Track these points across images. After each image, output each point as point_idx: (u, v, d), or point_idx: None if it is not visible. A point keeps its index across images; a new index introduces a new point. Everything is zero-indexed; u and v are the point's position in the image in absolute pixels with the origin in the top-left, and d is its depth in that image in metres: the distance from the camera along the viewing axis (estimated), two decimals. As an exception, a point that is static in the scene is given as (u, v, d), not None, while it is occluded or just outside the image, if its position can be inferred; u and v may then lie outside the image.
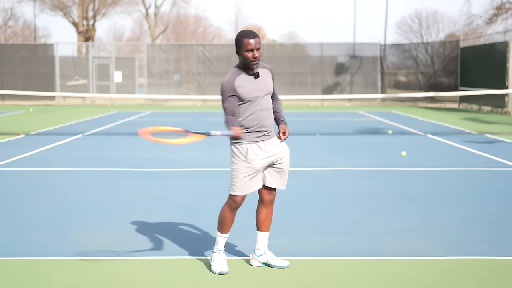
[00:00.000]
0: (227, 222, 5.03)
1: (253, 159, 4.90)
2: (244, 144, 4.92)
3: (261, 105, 4.94)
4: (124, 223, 6.64)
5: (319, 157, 11.93)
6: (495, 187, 8.80)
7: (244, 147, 4.92)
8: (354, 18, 59.07)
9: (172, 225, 6.57)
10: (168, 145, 13.68)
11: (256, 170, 4.93)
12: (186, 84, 32.35)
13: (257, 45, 4.86)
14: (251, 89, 4.91)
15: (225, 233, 5.06)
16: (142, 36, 67.14)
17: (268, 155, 4.95)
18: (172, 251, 5.59)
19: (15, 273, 5.02)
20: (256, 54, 4.86)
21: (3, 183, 9.11)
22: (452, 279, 4.86)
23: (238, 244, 5.75)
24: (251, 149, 4.91)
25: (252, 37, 4.85)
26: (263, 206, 5.11)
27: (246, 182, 4.92)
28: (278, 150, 5.00)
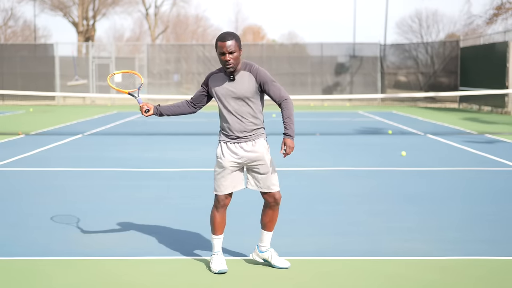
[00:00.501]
0: (217, 223, 5.05)
1: (221, 157, 4.99)
2: (219, 143, 5.06)
3: (230, 108, 4.94)
4: (124, 223, 6.65)
5: (319, 157, 11.94)
6: (495, 187, 8.81)
7: (219, 146, 5.05)
8: (354, 18, 59.10)
9: (172, 225, 6.58)
10: (169, 146, 13.69)
11: (224, 168, 4.96)
12: (186, 84, 32.36)
13: (230, 49, 4.78)
14: (220, 89, 4.95)
15: (218, 235, 5.08)
16: (142, 36, 67.15)
17: (237, 157, 4.96)
18: (172, 251, 5.60)
19: (16, 273, 5.03)
20: (228, 58, 4.80)
21: (4, 183, 9.12)
22: (451, 279, 4.88)
23: (238, 244, 5.76)
24: (220, 148, 5.02)
25: (224, 40, 4.79)
26: (268, 208, 5.11)
27: (220, 180, 4.98)
28: (250, 155, 4.95)
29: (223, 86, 4.95)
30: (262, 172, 4.98)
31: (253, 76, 4.93)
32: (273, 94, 5.00)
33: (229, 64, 4.83)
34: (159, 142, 14.47)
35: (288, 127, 4.95)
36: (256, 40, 70.71)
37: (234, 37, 4.83)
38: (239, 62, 4.90)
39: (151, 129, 17.82)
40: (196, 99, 5.16)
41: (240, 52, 4.86)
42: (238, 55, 4.84)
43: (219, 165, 5.00)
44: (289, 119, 4.96)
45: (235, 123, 4.93)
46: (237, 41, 4.84)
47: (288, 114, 4.98)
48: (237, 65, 4.88)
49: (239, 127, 4.93)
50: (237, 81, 4.92)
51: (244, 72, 4.93)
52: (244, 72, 4.93)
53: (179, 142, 14.43)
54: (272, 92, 4.99)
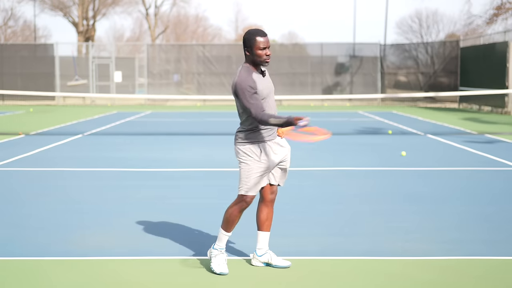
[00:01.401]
0: (234, 222, 5.01)
1: (265, 159, 4.90)
2: (256, 144, 4.90)
3: (270, 103, 4.93)
4: (124, 223, 6.65)
5: (319, 157, 11.94)
6: (495, 187, 8.81)
7: (256, 147, 4.90)
8: (354, 18, 59.09)
9: (172, 225, 6.58)
10: (169, 146, 13.69)
11: (268, 169, 4.94)
12: (186, 84, 32.35)
13: (268, 43, 4.90)
14: (264, 87, 4.90)
15: (229, 232, 5.05)
16: (142, 36, 67.15)
17: (277, 154, 4.97)
18: (172, 251, 5.60)
19: (16, 273, 5.02)
20: (268, 52, 4.88)
21: (4, 183, 9.12)
22: (451, 278, 4.87)
23: (238, 244, 5.76)
24: (263, 148, 4.91)
25: (264, 36, 4.88)
26: (264, 206, 5.10)
27: (258, 182, 4.92)
28: (285, 149, 5.04)
29: (264, 83, 4.91)
30: (287, 167, 5.09)
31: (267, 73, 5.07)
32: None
33: (269, 59, 4.90)
34: (159, 142, 14.47)
35: None
36: (256, 40, 70.55)
37: (266, 33, 4.96)
38: None
39: (151, 129, 17.82)
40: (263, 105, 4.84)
41: None
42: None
43: (260, 166, 4.89)
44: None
45: None
46: None
47: None
48: None
49: None
50: (267, 77, 5.00)
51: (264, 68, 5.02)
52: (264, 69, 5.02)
53: (179, 142, 14.42)
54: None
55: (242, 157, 4.92)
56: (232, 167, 10.36)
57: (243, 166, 4.92)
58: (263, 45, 4.84)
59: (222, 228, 5.04)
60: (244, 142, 4.91)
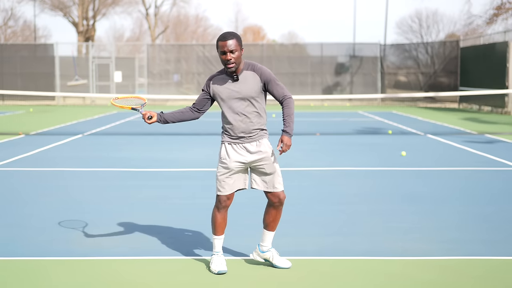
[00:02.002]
0: (218, 223, 5.05)
1: (225, 159, 4.97)
2: (222, 144, 5.04)
3: (234, 109, 4.92)
4: (124, 223, 6.66)
5: (319, 157, 11.95)
6: (494, 187, 8.82)
7: (222, 147, 5.03)
8: (354, 18, 59.04)
9: (172, 225, 6.59)
10: (169, 146, 13.70)
11: (229, 169, 4.96)
12: (186, 84, 32.37)
13: (230, 47, 4.78)
14: (223, 90, 4.94)
15: (218, 235, 5.08)
16: (142, 36, 67.14)
17: (243, 158, 4.96)
18: (172, 251, 5.61)
19: (16, 273, 5.04)
20: (229, 57, 4.80)
21: (4, 183, 9.13)
22: (450, 278, 4.89)
23: (238, 244, 5.77)
24: (224, 149, 5.01)
25: (225, 39, 4.80)
26: (271, 208, 5.11)
27: (223, 181, 4.98)
28: (256, 156, 4.96)
29: (226, 87, 4.93)
30: (268, 172, 5.00)
31: (258, 75, 4.93)
32: (277, 93, 5.00)
33: (230, 64, 4.82)
34: (159, 142, 14.48)
35: (287, 124, 4.98)
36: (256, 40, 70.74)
37: (235, 37, 4.83)
38: (241, 61, 4.89)
39: (151, 129, 17.83)
40: (199, 103, 5.12)
41: (241, 51, 4.85)
42: (240, 55, 4.84)
43: (224, 166, 4.97)
44: (289, 118, 4.99)
45: (240, 123, 4.92)
46: (238, 40, 4.83)
47: (289, 113, 5.00)
48: (238, 64, 4.87)
49: (244, 127, 4.93)
50: (241, 81, 4.92)
51: (248, 71, 4.93)
52: (248, 72, 4.93)
53: (179, 142, 14.44)
54: (276, 91, 5.00)
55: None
56: (232, 167, 10.36)
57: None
58: (221, 49, 4.82)
59: (212, 233, 5.13)
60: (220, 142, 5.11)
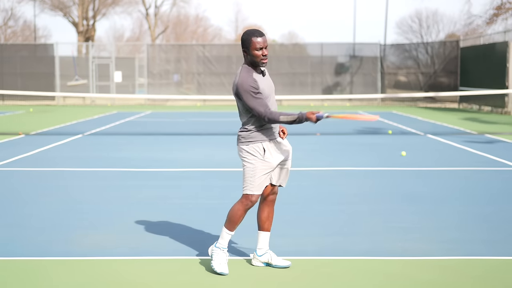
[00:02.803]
0: (238, 221, 5.02)
1: (269, 157, 4.92)
2: (260, 143, 4.92)
3: (271, 103, 4.95)
4: (124, 223, 6.66)
5: (319, 157, 11.95)
6: (494, 187, 8.82)
7: (260, 146, 4.92)
8: (354, 18, 59.08)
9: (173, 225, 6.59)
10: (169, 146, 13.70)
11: (272, 168, 4.96)
12: (186, 84, 32.36)
13: (265, 43, 4.87)
14: (264, 86, 4.92)
15: (232, 231, 5.06)
16: (142, 36, 67.15)
17: (280, 153, 4.99)
18: (173, 251, 5.62)
19: (16, 273, 5.04)
20: (265, 52, 4.86)
21: (4, 183, 9.13)
22: (450, 278, 4.89)
23: (238, 244, 5.77)
24: (267, 147, 4.93)
25: (260, 36, 4.85)
26: (265, 205, 5.12)
27: (263, 181, 4.94)
28: (287, 149, 5.06)
29: (265, 83, 4.93)
30: (288, 167, 5.09)
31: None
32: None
33: (266, 59, 4.89)
34: (160, 142, 14.48)
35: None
36: (256, 40, 70.55)
37: (263, 33, 4.93)
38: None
39: (151, 129, 17.83)
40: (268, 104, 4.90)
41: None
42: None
43: (264, 165, 4.91)
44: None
45: None
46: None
47: None
48: None
49: None
50: (267, 77, 5.00)
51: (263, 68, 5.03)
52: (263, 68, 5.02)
53: (179, 142, 14.44)
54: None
55: (246, 157, 4.93)
56: (233, 167, 10.38)
57: (248, 165, 4.92)
58: (259, 46, 4.83)
59: (225, 227, 5.04)
60: (248, 142, 4.92)
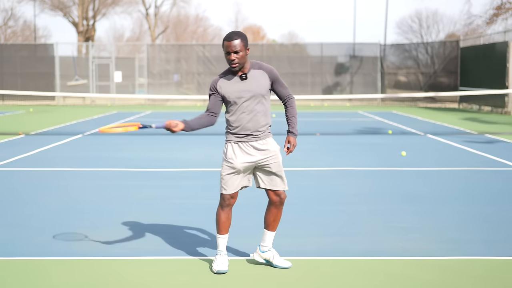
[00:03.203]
0: (222, 222, 5.06)
1: (232, 158, 4.97)
2: (229, 143, 5.02)
3: (243, 108, 4.92)
4: (124, 223, 6.66)
5: (319, 157, 11.95)
6: (494, 187, 8.82)
7: (228, 146, 5.02)
8: (354, 18, 59.07)
9: (172, 225, 6.59)
10: (169, 146, 13.70)
11: (235, 169, 4.97)
12: (186, 84, 32.36)
13: (234, 48, 4.79)
14: (233, 90, 4.93)
15: (222, 234, 5.08)
16: (142, 36, 67.13)
17: (249, 157, 4.96)
18: (172, 251, 5.62)
19: (16, 273, 5.04)
20: (233, 57, 4.81)
21: (3, 183, 9.13)
22: (450, 278, 4.89)
23: (238, 244, 5.77)
24: (231, 148, 5.00)
25: (230, 39, 4.81)
26: (272, 207, 5.12)
27: (229, 181, 4.98)
28: (263, 154, 4.98)
29: (235, 86, 4.93)
30: (274, 171, 5.02)
31: (266, 73, 4.97)
32: (281, 92, 5.08)
33: (234, 64, 4.84)
34: (159, 142, 14.48)
35: (293, 125, 5.09)
36: (256, 40, 70.71)
37: (240, 37, 4.84)
38: (246, 61, 4.92)
39: (151, 129, 17.82)
40: (213, 108, 5.04)
41: (246, 51, 4.87)
42: (244, 55, 4.86)
43: (230, 166, 4.96)
44: (294, 118, 5.10)
45: (249, 122, 4.94)
46: (243, 40, 4.85)
47: (293, 113, 5.10)
48: (242, 64, 4.89)
49: (252, 125, 4.94)
50: (250, 80, 4.94)
51: (255, 70, 4.96)
52: (255, 71, 4.96)
53: (179, 142, 14.44)
54: (280, 90, 5.06)
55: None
56: (232, 167, 10.37)
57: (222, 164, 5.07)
58: (226, 50, 4.84)
59: (216, 232, 5.14)
60: (225, 141, 5.09)
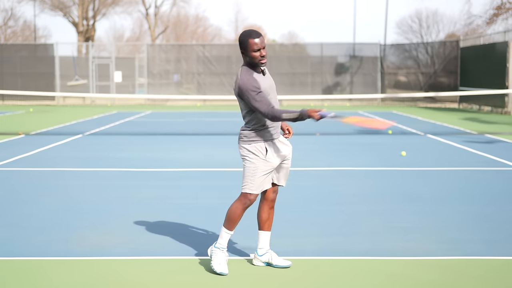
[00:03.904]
0: (237, 220, 5.01)
1: (271, 157, 4.92)
2: (262, 142, 4.92)
3: (274, 102, 4.94)
4: (124, 223, 6.66)
5: (319, 157, 11.95)
6: (494, 187, 8.82)
7: (262, 145, 4.92)
8: (354, 18, 59.09)
9: (172, 225, 6.59)
10: (169, 146, 13.70)
11: (273, 168, 4.96)
12: (186, 84, 32.36)
13: (263, 44, 4.85)
14: (265, 85, 4.92)
15: (231, 230, 5.05)
16: (142, 36, 67.13)
17: (281, 153, 4.99)
18: (173, 251, 5.61)
19: (16, 273, 5.03)
20: (264, 53, 4.85)
21: (3, 183, 9.13)
22: (451, 278, 4.88)
23: (238, 244, 5.77)
24: (269, 147, 4.93)
25: (257, 37, 4.83)
26: (265, 205, 5.11)
27: (263, 181, 4.93)
28: (287, 148, 5.06)
29: (266, 82, 4.93)
30: (288, 166, 5.09)
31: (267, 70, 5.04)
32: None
33: (265, 59, 4.88)
34: (159, 142, 14.48)
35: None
36: (256, 40, 70.54)
37: (260, 33, 4.92)
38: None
39: (151, 129, 17.83)
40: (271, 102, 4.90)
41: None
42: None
43: (265, 165, 4.91)
44: None
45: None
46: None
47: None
48: None
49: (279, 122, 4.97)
50: (268, 75, 4.98)
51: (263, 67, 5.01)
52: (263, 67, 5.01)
53: (179, 142, 14.43)
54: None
55: (247, 156, 4.92)
56: (232, 167, 10.37)
57: (248, 164, 4.92)
58: (257, 47, 4.82)
59: (224, 227, 5.03)
60: (250, 141, 4.93)
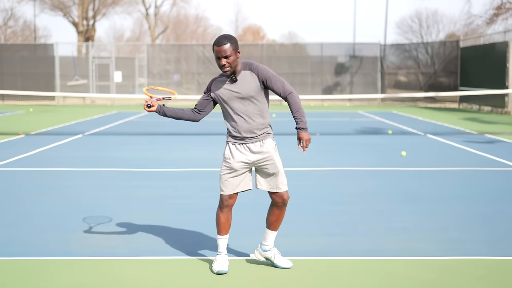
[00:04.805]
0: (221, 223, 5.07)
1: (229, 158, 5.00)
2: (227, 144, 5.06)
3: (236, 109, 4.93)
4: (124, 223, 6.66)
5: (319, 157, 11.95)
6: (495, 187, 8.82)
7: (227, 147, 5.05)
8: (354, 18, 59.09)
9: (172, 225, 6.59)
10: (169, 146, 13.70)
11: (233, 169, 4.98)
12: (186, 84, 32.36)
13: (224, 53, 4.77)
14: (223, 92, 4.96)
15: (222, 235, 5.09)
16: (142, 36, 67.11)
17: (246, 158, 4.97)
18: (172, 251, 5.61)
19: (16, 273, 5.03)
20: (223, 62, 4.80)
21: (3, 183, 9.13)
22: (451, 278, 4.88)
23: (238, 244, 5.76)
24: (228, 149, 5.03)
25: (219, 44, 4.79)
26: (275, 208, 5.11)
27: (226, 181, 5.00)
28: (259, 156, 4.97)
29: (226, 88, 4.96)
30: (271, 172, 5.01)
31: (255, 74, 4.92)
32: (277, 89, 4.96)
33: (225, 68, 4.84)
34: (160, 142, 14.48)
35: (299, 121, 4.91)
36: (256, 40, 70.71)
37: (230, 41, 4.81)
38: (237, 64, 4.89)
39: (152, 129, 17.83)
40: (200, 105, 5.13)
41: (237, 54, 4.84)
42: (235, 58, 4.83)
43: (228, 166, 4.99)
44: (299, 113, 4.93)
45: (243, 123, 4.93)
46: (233, 44, 4.81)
47: (296, 108, 4.94)
48: (234, 68, 4.87)
49: (247, 127, 4.93)
50: (240, 82, 4.92)
51: (245, 71, 4.93)
52: (245, 72, 4.93)
53: (179, 142, 14.43)
54: (276, 87, 4.95)
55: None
56: (232, 167, 10.36)
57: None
58: (216, 55, 4.84)
59: (216, 232, 5.15)
60: (226, 142, 5.12)
